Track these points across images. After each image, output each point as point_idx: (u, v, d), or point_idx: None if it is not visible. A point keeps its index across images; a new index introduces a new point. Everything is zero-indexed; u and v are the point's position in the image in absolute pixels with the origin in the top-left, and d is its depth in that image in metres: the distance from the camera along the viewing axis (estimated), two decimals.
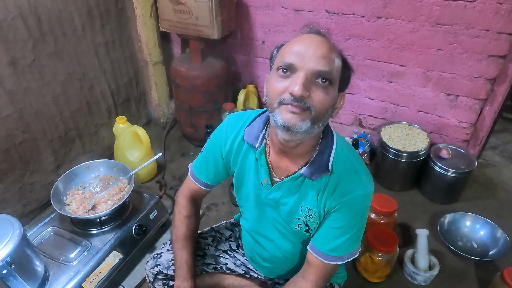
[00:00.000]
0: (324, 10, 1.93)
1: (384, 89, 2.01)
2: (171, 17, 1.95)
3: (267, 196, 0.95)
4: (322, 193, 0.88)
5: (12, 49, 1.54)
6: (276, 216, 0.98)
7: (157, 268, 1.16)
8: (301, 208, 0.92)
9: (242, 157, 0.98)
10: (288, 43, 0.80)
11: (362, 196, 0.87)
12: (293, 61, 0.75)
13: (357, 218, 0.90)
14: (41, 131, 1.76)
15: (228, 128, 0.99)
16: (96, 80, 2.01)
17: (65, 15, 1.73)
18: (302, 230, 0.94)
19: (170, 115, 2.54)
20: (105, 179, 1.65)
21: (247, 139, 0.94)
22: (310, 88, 0.74)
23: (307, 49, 0.75)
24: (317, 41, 0.76)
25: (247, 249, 1.17)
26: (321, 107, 0.76)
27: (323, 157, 0.87)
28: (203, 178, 1.08)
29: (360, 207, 0.89)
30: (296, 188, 0.91)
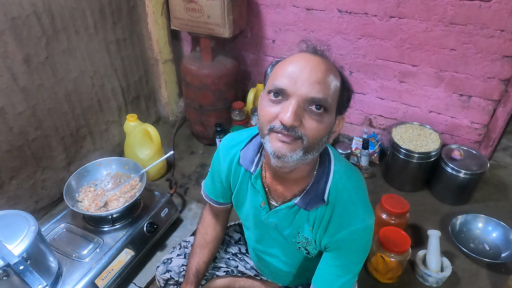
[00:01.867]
0: (336, 9, 1.92)
1: (395, 89, 2.00)
2: (183, 15, 1.95)
3: (268, 219, 0.91)
4: (318, 224, 0.84)
5: (26, 46, 1.55)
6: (278, 237, 0.95)
7: (168, 274, 1.16)
8: (299, 235, 0.89)
9: (240, 180, 0.94)
10: (281, 62, 0.74)
11: (359, 231, 0.80)
12: (284, 86, 0.68)
13: (357, 255, 0.85)
14: (53, 128, 1.77)
15: (222, 151, 0.96)
16: (107, 77, 2.01)
17: (78, 12, 1.74)
18: (303, 252, 0.93)
19: (179, 113, 2.55)
20: (117, 176, 1.65)
21: (242, 163, 0.90)
22: (303, 116, 0.69)
23: (301, 73, 0.68)
24: (312, 63, 0.69)
25: (254, 261, 1.17)
26: (314, 136, 0.70)
27: (318, 186, 0.81)
28: (213, 197, 1.06)
29: (359, 243, 0.82)
30: (292, 217, 0.87)
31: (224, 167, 0.96)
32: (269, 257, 1.04)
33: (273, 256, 1.03)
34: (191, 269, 1.07)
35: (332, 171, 0.82)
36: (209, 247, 1.12)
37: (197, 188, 2.03)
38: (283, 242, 0.96)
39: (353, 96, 0.79)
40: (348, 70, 2.05)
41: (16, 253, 1.05)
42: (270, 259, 1.04)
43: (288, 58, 0.74)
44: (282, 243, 0.97)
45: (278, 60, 0.77)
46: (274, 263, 1.05)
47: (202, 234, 1.12)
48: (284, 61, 0.73)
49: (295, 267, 1.03)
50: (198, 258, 1.09)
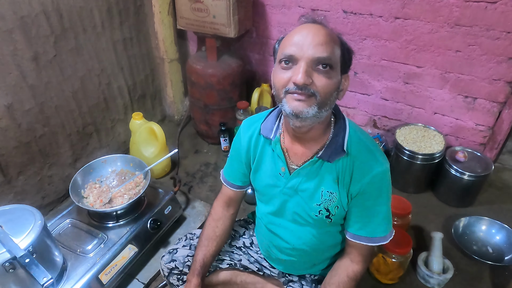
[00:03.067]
0: (341, 10, 1.92)
1: (400, 90, 2.00)
2: (189, 15, 1.97)
3: (286, 185, 0.98)
4: (342, 176, 0.91)
5: (35, 45, 1.58)
6: (296, 206, 1.00)
7: (172, 264, 1.18)
8: (322, 193, 0.94)
9: (260, 152, 1.02)
10: (287, 36, 0.83)
11: (381, 173, 0.90)
12: (293, 52, 0.78)
13: (384, 195, 0.93)
14: (60, 125, 1.80)
15: (243, 129, 1.06)
16: (114, 76, 2.04)
17: (85, 12, 1.77)
18: (323, 216, 0.96)
19: (184, 112, 2.57)
20: (122, 173, 1.68)
21: (263, 132, 0.99)
22: (312, 75, 0.79)
23: (305, 38, 0.78)
24: (314, 29, 0.79)
25: (263, 244, 1.18)
26: (325, 91, 0.80)
27: (338, 140, 0.91)
28: (233, 181, 1.13)
29: (383, 184, 0.92)
30: (315, 173, 0.94)
31: (244, 143, 1.05)
32: (283, 231, 1.06)
33: (287, 230, 1.05)
34: (199, 261, 1.09)
35: (348, 126, 0.92)
36: (218, 240, 1.14)
37: (201, 186, 2.05)
38: (301, 212, 0.99)
39: (354, 55, 0.88)
40: (352, 70, 2.05)
41: (22, 246, 1.08)
42: (284, 234, 1.06)
43: (292, 30, 0.83)
44: (299, 214, 1.00)
45: (283, 37, 0.86)
46: (286, 239, 1.06)
47: (212, 227, 1.15)
48: (289, 33, 0.83)
49: (307, 245, 1.04)
50: (206, 251, 1.11)
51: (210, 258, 1.12)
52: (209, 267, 1.13)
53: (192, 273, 1.08)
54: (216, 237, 1.14)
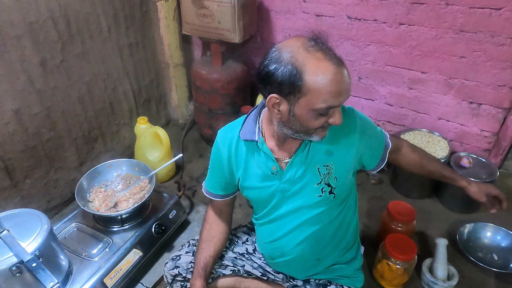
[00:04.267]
0: (346, 15, 1.93)
1: (404, 95, 2.00)
2: (194, 20, 1.98)
3: (282, 181, 0.99)
4: (330, 142, 0.97)
5: (42, 50, 1.60)
6: (296, 198, 1.01)
7: (176, 270, 1.18)
8: (319, 170, 0.97)
9: (245, 158, 1.03)
10: (319, 81, 0.79)
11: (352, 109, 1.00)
12: (332, 104, 0.83)
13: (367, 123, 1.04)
14: (67, 130, 1.82)
15: (219, 140, 1.07)
16: (119, 80, 2.06)
17: (92, 17, 1.79)
18: (326, 193, 0.99)
19: (188, 117, 2.58)
20: (127, 178, 1.69)
21: (244, 137, 1.00)
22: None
23: (342, 89, 0.81)
24: (346, 73, 0.82)
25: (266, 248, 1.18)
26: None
27: None
28: (215, 191, 1.15)
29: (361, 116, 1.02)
30: (306, 155, 0.97)
31: (224, 153, 1.05)
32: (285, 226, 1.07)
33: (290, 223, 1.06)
34: (199, 264, 1.11)
35: None
36: (214, 241, 1.16)
37: None
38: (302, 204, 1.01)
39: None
40: (357, 76, 2.06)
41: (29, 250, 1.09)
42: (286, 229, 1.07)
43: (326, 76, 0.80)
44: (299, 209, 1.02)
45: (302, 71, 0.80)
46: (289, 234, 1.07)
47: (207, 230, 1.18)
48: (324, 82, 0.80)
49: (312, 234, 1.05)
50: (205, 253, 1.13)
51: (211, 260, 1.13)
52: (211, 269, 1.14)
53: (195, 277, 1.09)
54: (212, 238, 1.16)
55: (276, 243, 1.12)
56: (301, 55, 0.80)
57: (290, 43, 0.83)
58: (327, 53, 0.81)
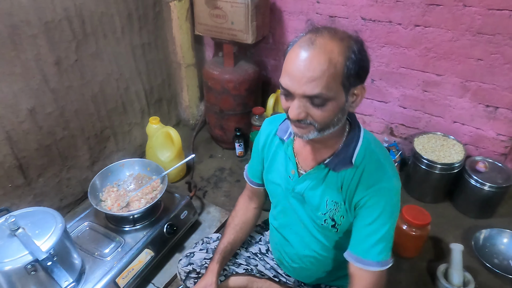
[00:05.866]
0: (360, 17, 1.91)
1: (418, 98, 1.97)
2: (207, 21, 1.98)
3: (294, 189, 0.98)
4: (347, 186, 0.89)
5: (57, 49, 1.61)
6: (303, 212, 0.99)
7: (190, 267, 1.18)
8: (326, 202, 0.93)
9: (273, 152, 1.04)
10: (287, 56, 0.78)
11: (387, 189, 0.86)
12: (287, 86, 0.77)
13: (386, 214, 0.86)
14: (80, 129, 1.83)
15: (264, 127, 1.09)
16: (132, 80, 2.06)
17: (106, 17, 1.80)
18: (329, 225, 0.95)
19: (199, 117, 2.58)
20: (139, 177, 1.69)
21: (278, 133, 1.00)
22: (308, 107, 0.78)
23: (297, 72, 0.75)
24: (306, 61, 0.74)
25: (276, 250, 1.17)
26: (322, 121, 0.79)
27: (348, 150, 0.88)
28: (253, 178, 1.16)
29: (387, 201, 0.86)
30: (321, 180, 0.93)
31: (262, 140, 1.07)
32: (292, 236, 1.06)
33: (297, 235, 1.05)
34: (218, 248, 1.12)
35: (362, 137, 0.89)
36: (237, 229, 1.16)
37: (215, 192, 2.05)
38: (308, 218, 0.98)
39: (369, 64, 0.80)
40: (370, 78, 2.04)
41: (44, 249, 1.09)
42: (293, 239, 1.06)
43: (290, 51, 0.78)
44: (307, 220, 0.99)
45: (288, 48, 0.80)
46: (295, 246, 1.06)
47: (232, 217, 1.19)
48: (288, 55, 0.78)
49: (317, 253, 1.03)
50: (225, 239, 1.14)
51: (228, 246, 1.13)
52: (228, 255, 1.15)
53: (211, 261, 1.10)
54: (235, 225, 1.17)
55: (283, 250, 1.11)
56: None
57: None
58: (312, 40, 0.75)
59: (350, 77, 0.77)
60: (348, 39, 0.77)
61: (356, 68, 0.77)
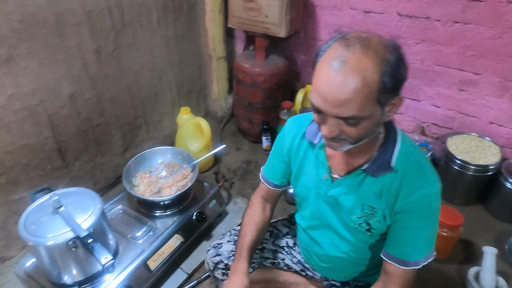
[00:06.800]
0: (396, 12, 1.88)
1: (453, 97, 1.92)
2: (241, 14, 2.00)
3: (327, 193, 0.96)
4: (387, 192, 0.87)
5: (98, 38, 1.66)
6: (335, 215, 0.98)
7: (218, 258, 1.20)
8: (363, 207, 0.91)
9: (302, 155, 1.00)
10: (316, 70, 0.74)
11: (430, 194, 0.84)
12: (318, 107, 0.75)
13: (430, 218, 0.87)
14: (114, 116, 1.88)
15: (288, 127, 1.04)
16: (165, 71, 2.11)
17: (144, 8, 1.84)
18: (363, 229, 0.93)
19: (227, 110, 2.61)
20: (170, 165, 1.73)
21: (307, 136, 0.97)
22: (341, 126, 0.75)
23: (328, 95, 0.71)
24: (338, 83, 0.69)
25: (303, 249, 1.18)
26: (356, 136, 0.77)
27: (385, 154, 0.86)
28: (272, 179, 1.13)
29: (430, 206, 0.85)
30: (357, 186, 0.90)
31: (288, 142, 1.03)
32: (321, 237, 1.05)
33: (326, 237, 1.04)
34: (242, 247, 1.08)
35: (399, 141, 0.86)
36: (257, 227, 1.13)
37: (242, 183, 2.07)
38: (340, 220, 0.97)
39: (407, 72, 0.75)
40: None
41: (84, 227, 1.14)
42: (322, 240, 1.05)
43: (320, 66, 0.73)
44: (338, 223, 0.98)
45: (321, 53, 0.76)
46: (325, 247, 1.05)
47: (250, 215, 1.15)
48: (318, 70, 0.74)
49: (346, 254, 1.02)
50: (248, 237, 1.09)
51: (253, 244, 1.09)
52: (253, 254, 1.11)
53: (238, 260, 1.05)
54: (255, 224, 1.13)
55: (311, 250, 1.11)
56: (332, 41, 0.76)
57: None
58: (343, 58, 0.70)
59: (386, 92, 0.72)
60: (384, 50, 0.71)
61: (392, 81, 0.72)
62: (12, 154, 1.48)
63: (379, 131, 0.87)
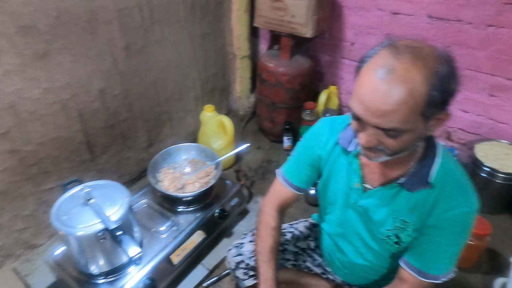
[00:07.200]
0: (426, 14, 1.84)
1: (483, 102, 1.87)
2: (267, 13, 2.00)
3: (357, 202, 0.94)
4: (421, 206, 0.85)
5: (127, 35, 1.70)
6: (362, 224, 0.96)
7: (239, 257, 1.20)
8: (394, 220, 0.89)
9: (334, 160, 0.98)
10: (359, 76, 0.72)
11: (466, 214, 0.81)
12: (358, 114, 0.72)
13: (460, 236, 0.85)
14: (140, 112, 1.92)
15: (319, 131, 1.01)
16: (190, 69, 2.13)
17: (173, 6, 1.87)
18: (391, 241, 0.92)
19: (248, 108, 2.62)
20: (193, 162, 1.75)
21: (341, 142, 0.94)
22: (380, 136, 0.73)
23: (370, 104, 0.68)
24: (382, 92, 0.67)
25: (326, 253, 1.17)
26: (395, 149, 0.75)
27: (424, 169, 0.83)
28: (295, 181, 1.07)
29: (464, 225, 0.83)
30: (390, 199, 0.88)
31: (318, 146, 0.99)
32: (346, 245, 1.04)
33: (351, 245, 1.03)
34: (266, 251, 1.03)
35: (440, 155, 0.83)
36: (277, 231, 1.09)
37: (262, 183, 2.08)
38: (367, 230, 0.95)
39: (458, 86, 0.70)
40: None
41: (113, 219, 1.17)
42: (347, 247, 1.04)
43: (364, 72, 0.71)
44: (365, 232, 0.96)
45: (366, 59, 0.73)
46: (349, 254, 1.04)
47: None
48: (362, 76, 0.72)
49: (370, 262, 1.01)
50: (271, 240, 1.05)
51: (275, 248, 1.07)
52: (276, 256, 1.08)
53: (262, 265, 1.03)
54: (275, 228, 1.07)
55: (334, 256, 1.10)
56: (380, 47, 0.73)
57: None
58: (390, 67, 0.67)
59: (433, 106, 0.68)
60: (435, 61, 0.67)
61: (441, 95, 0.68)
62: (45, 146, 1.53)
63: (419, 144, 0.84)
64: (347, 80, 2.33)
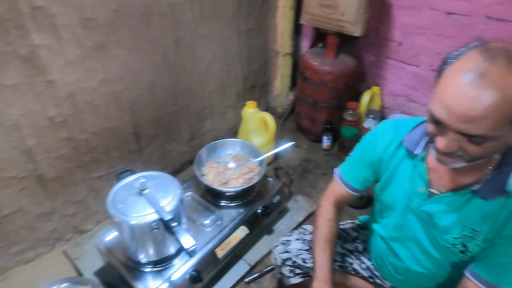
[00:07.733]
0: (484, 15, 1.76)
1: None
2: (315, 11, 1.97)
3: (420, 207, 0.91)
4: (495, 216, 0.81)
5: (178, 29, 1.72)
6: (423, 230, 0.93)
7: (286, 255, 1.20)
8: (463, 228, 0.85)
9: (396, 163, 0.95)
10: (442, 79, 0.70)
11: None
12: (440, 118, 0.69)
13: None
14: (185, 105, 1.95)
15: (382, 133, 0.98)
16: (234, 65, 2.14)
17: (221, 2, 1.88)
18: (457, 250, 0.88)
19: (287, 106, 2.61)
20: (237, 157, 1.76)
21: (407, 145, 0.91)
22: (461, 142, 0.70)
23: (456, 108, 0.65)
24: (471, 97, 0.63)
25: (377, 257, 1.14)
26: (476, 155, 0.71)
27: (501, 177, 0.79)
28: (351, 182, 1.07)
29: None
30: (460, 206, 0.85)
31: (380, 147, 0.97)
32: (403, 250, 1.01)
33: (408, 250, 1.00)
34: (327, 267, 1.02)
35: None
36: (335, 240, 1.11)
37: (301, 182, 2.07)
38: (429, 237, 0.92)
39: None
40: None
41: (167, 210, 1.19)
42: (403, 253, 1.01)
43: (449, 74, 0.68)
44: (425, 239, 0.93)
45: (450, 61, 0.70)
46: (404, 260, 1.01)
47: (328, 228, 1.09)
48: (446, 79, 0.69)
49: (428, 270, 0.98)
50: (329, 254, 1.05)
51: (331, 262, 1.06)
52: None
53: (323, 282, 1.00)
54: (333, 237, 1.09)
55: (387, 260, 1.07)
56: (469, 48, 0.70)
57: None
58: (482, 70, 0.64)
59: None
60: None
61: None
62: (97, 135, 1.58)
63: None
64: (391, 81, 2.27)
